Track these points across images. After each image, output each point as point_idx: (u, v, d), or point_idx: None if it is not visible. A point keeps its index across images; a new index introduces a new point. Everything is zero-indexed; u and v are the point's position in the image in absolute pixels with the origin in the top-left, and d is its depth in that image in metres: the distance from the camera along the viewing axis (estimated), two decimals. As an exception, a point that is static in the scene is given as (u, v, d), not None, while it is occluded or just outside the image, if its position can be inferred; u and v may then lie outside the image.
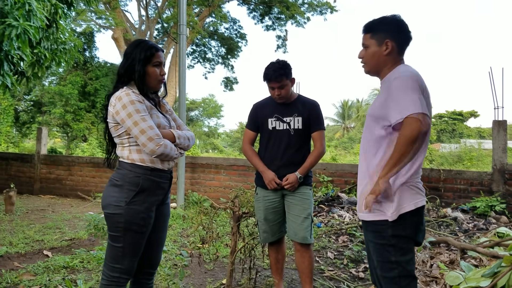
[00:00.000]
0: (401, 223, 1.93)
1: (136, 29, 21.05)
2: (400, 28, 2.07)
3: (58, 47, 7.10)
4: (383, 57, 2.05)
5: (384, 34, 2.05)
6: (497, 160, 5.75)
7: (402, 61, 2.09)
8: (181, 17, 7.25)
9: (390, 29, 2.05)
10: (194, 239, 5.22)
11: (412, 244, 2.00)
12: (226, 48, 22.42)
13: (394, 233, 1.93)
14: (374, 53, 2.07)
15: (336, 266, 4.23)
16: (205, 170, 7.66)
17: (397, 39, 2.04)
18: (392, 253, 1.94)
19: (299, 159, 3.16)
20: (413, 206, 1.94)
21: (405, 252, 1.95)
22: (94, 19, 19.03)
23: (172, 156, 2.24)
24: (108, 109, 2.22)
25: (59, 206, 7.97)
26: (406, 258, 1.95)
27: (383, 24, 2.08)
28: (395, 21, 2.08)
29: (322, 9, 20.22)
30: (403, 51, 2.08)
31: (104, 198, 2.24)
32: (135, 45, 2.28)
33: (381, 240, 1.97)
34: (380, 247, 1.98)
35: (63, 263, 4.04)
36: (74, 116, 17.21)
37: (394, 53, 2.05)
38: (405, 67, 2.01)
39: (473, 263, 3.70)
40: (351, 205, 5.95)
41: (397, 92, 1.86)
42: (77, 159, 9.25)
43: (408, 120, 1.77)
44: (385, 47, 2.04)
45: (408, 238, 1.96)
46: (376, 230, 1.99)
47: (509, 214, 5.52)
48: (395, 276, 1.95)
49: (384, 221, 1.94)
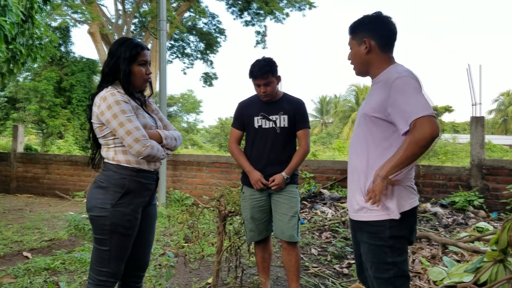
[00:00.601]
0: (399, 223, 1.91)
1: (113, 24, 20.70)
2: (379, 25, 2.02)
3: (33, 43, 6.93)
4: (364, 56, 2.03)
5: (362, 33, 2.03)
6: (475, 155, 5.87)
7: (392, 59, 2.05)
8: (161, 13, 7.15)
9: (369, 28, 2.02)
10: (178, 238, 5.18)
11: (406, 244, 1.99)
12: (205, 43, 22.29)
13: (392, 234, 1.91)
14: (355, 53, 2.07)
15: (320, 262, 4.26)
16: (186, 168, 7.59)
17: (376, 36, 2.01)
18: (389, 254, 1.92)
19: (285, 157, 3.16)
20: (409, 206, 1.93)
21: (401, 253, 1.94)
22: (69, 13, 18.63)
23: (159, 157, 2.20)
24: (93, 109, 2.16)
25: (37, 206, 7.79)
26: (402, 259, 1.94)
27: (363, 23, 2.05)
28: (374, 18, 2.05)
29: (301, 5, 20.27)
30: (388, 47, 2.04)
31: (88, 200, 2.19)
32: (120, 43, 2.23)
33: (377, 241, 1.94)
34: (376, 248, 1.95)
35: (44, 264, 3.95)
36: (49, 113, 16.84)
37: (376, 51, 2.01)
38: (401, 67, 1.98)
39: (455, 258, 3.78)
40: (333, 201, 6.00)
41: (403, 95, 1.82)
42: (55, 157, 9.05)
43: (420, 122, 1.73)
44: (364, 46, 2.01)
45: (404, 238, 1.95)
46: (372, 231, 1.96)
47: (487, 208, 5.65)
48: (390, 277, 1.93)
49: (383, 221, 1.92)
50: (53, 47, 7.71)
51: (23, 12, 5.96)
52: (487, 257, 2.92)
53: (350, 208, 2.13)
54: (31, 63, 7.32)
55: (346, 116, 41.58)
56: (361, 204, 2.00)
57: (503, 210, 5.61)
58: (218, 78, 23.07)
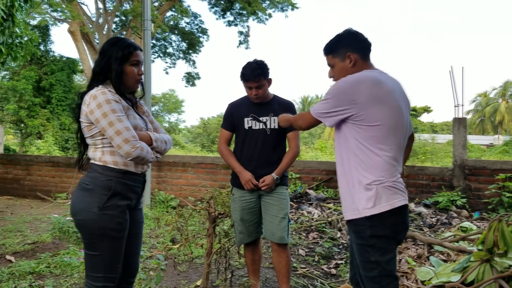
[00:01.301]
0: (379, 223, 1.98)
1: (93, 22, 20.41)
2: (356, 39, 2.21)
3: (13, 41, 6.79)
4: (351, 69, 2.16)
5: (344, 49, 2.18)
6: (457, 156, 5.98)
7: (370, 65, 2.20)
8: (145, 12, 7.08)
9: (347, 44, 2.19)
10: (164, 240, 5.14)
11: (392, 244, 2.04)
12: (187, 43, 22.18)
13: (372, 233, 1.98)
14: (341, 69, 2.21)
15: (308, 263, 4.28)
16: (171, 168, 7.53)
17: (357, 49, 2.17)
18: (371, 253, 1.99)
19: (275, 158, 3.16)
20: (389, 206, 1.97)
21: (384, 252, 1.99)
22: (49, 12, 18.30)
23: (148, 160, 2.15)
24: (82, 108, 2.10)
25: (18, 208, 7.61)
26: (385, 258, 1.99)
27: (340, 41, 2.22)
28: (350, 34, 2.22)
29: (283, 5, 20.35)
30: (367, 56, 2.21)
31: (73, 204, 2.12)
32: (112, 42, 2.19)
33: (360, 240, 2.03)
34: (360, 247, 2.04)
35: (29, 268, 3.86)
36: (28, 112, 16.54)
37: (359, 62, 2.17)
38: (355, 75, 2.08)
39: (442, 257, 3.84)
40: (319, 202, 6.03)
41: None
42: (36, 158, 8.87)
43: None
44: (349, 60, 2.17)
45: (387, 238, 2.00)
46: (356, 230, 2.05)
47: (470, 208, 5.76)
48: (375, 276, 2.00)
49: (363, 220, 1.99)
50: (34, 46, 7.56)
51: (4, 10, 5.84)
52: (474, 256, 2.98)
53: (344, 211, 2.18)
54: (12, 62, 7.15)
55: (328, 116, 41.83)
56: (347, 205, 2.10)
57: (485, 209, 5.72)
58: (200, 78, 23.02)
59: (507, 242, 2.80)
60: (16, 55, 7.04)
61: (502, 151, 24.58)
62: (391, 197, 1.99)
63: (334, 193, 6.45)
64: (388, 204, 1.98)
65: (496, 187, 5.65)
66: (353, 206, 2.02)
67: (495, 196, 5.67)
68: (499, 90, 46.43)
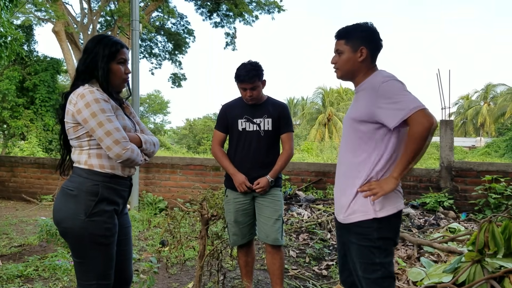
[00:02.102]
0: (386, 225, 2.00)
1: (78, 22, 20.17)
2: (374, 36, 2.13)
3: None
4: (358, 63, 2.10)
5: (359, 41, 2.09)
6: (444, 158, 6.06)
7: (376, 67, 2.15)
8: (134, 12, 7.03)
9: (364, 37, 2.10)
10: (153, 242, 5.09)
11: (393, 245, 2.08)
12: (173, 43, 22.06)
13: (380, 235, 1.99)
14: (348, 59, 2.11)
15: (299, 264, 4.28)
16: (160, 170, 7.47)
17: (370, 47, 2.10)
18: (376, 255, 1.99)
19: (269, 160, 3.16)
20: (395, 209, 2.01)
21: (388, 254, 2.02)
22: (33, 11, 18.04)
23: (137, 162, 2.07)
24: (67, 108, 2.00)
25: (3, 210, 7.47)
26: (388, 260, 2.02)
27: (359, 31, 2.12)
28: (369, 29, 2.13)
29: (270, 8, 20.41)
30: (375, 58, 2.15)
31: (57, 210, 2.01)
32: (98, 40, 2.09)
33: (366, 242, 2.01)
34: (364, 249, 2.02)
35: (16, 271, 3.80)
36: (11, 113, 16.26)
37: (367, 60, 2.10)
38: (386, 72, 2.07)
39: (432, 258, 3.88)
40: (308, 203, 6.05)
41: (391, 95, 1.91)
42: (21, 160, 8.72)
43: (415, 117, 1.82)
44: (360, 53, 2.09)
45: (391, 240, 2.04)
46: (361, 232, 2.03)
47: (457, 209, 5.83)
48: (378, 277, 2.00)
49: (370, 222, 1.99)
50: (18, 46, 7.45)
51: (-11, 9, 5.74)
52: (466, 257, 3.01)
53: (338, 212, 2.17)
54: (-3, 62, 7.03)
55: (313, 118, 42.17)
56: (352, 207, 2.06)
57: (472, 210, 5.80)
58: (187, 79, 22.90)
59: (497, 242, 2.83)
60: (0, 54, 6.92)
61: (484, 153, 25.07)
62: (396, 200, 2.03)
63: (323, 194, 6.48)
64: (395, 207, 2.01)
65: (483, 188, 5.74)
66: (362, 209, 2.02)
67: (481, 197, 5.76)
68: (481, 92, 47.26)
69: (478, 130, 45.71)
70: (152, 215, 6.79)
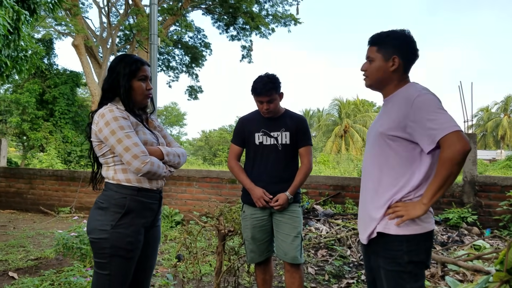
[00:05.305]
0: (416, 248, 1.85)
1: (97, 36, 20.53)
2: (409, 46, 1.97)
3: (18, 55, 6.77)
4: (389, 73, 1.97)
5: (392, 49, 1.95)
6: (467, 172, 5.89)
7: (408, 78, 2.01)
8: (152, 27, 7.08)
9: (398, 45, 1.95)
10: (169, 256, 5.03)
11: (424, 269, 1.93)
12: (190, 56, 22.30)
13: (410, 259, 1.84)
14: (379, 67, 1.98)
15: (319, 282, 4.16)
16: (176, 182, 7.44)
17: (404, 57, 1.95)
18: (406, 280, 1.85)
19: (287, 175, 3.06)
20: (425, 229, 1.87)
21: (419, 278, 1.88)
22: (53, 25, 18.42)
23: (161, 174, 2.13)
24: (92, 127, 2.12)
25: (20, 222, 7.51)
26: (419, 284, 1.87)
27: (392, 38, 1.97)
28: (405, 37, 1.97)
29: (286, 20, 20.48)
30: (409, 69, 2.01)
31: (89, 222, 2.10)
32: (119, 59, 2.19)
33: (395, 266, 1.87)
34: (395, 274, 1.88)
35: (32, 286, 3.75)
36: (31, 125, 16.56)
37: (400, 70, 1.96)
38: (419, 85, 1.93)
39: (457, 277, 3.73)
40: (327, 218, 5.93)
41: (426, 112, 1.77)
42: (39, 172, 8.80)
43: (449, 139, 1.69)
44: (392, 63, 1.95)
45: (422, 263, 1.88)
46: (389, 256, 1.89)
47: (480, 225, 5.65)
48: None
49: (399, 246, 1.86)
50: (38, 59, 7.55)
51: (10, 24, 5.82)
52: (494, 278, 2.88)
53: (362, 232, 2.05)
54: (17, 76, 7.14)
55: (330, 130, 41.94)
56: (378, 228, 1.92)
57: (496, 227, 5.61)
58: (203, 91, 23.06)
59: (528, 262, 2.70)
60: (21, 68, 7.01)
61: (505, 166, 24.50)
62: (427, 221, 1.89)
63: (342, 208, 6.35)
64: (424, 227, 1.87)
65: (507, 203, 5.54)
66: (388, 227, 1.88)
67: (506, 213, 5.56)
68: (501, 104, 46.49)
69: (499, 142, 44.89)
70: (168, 227, 6.74)
